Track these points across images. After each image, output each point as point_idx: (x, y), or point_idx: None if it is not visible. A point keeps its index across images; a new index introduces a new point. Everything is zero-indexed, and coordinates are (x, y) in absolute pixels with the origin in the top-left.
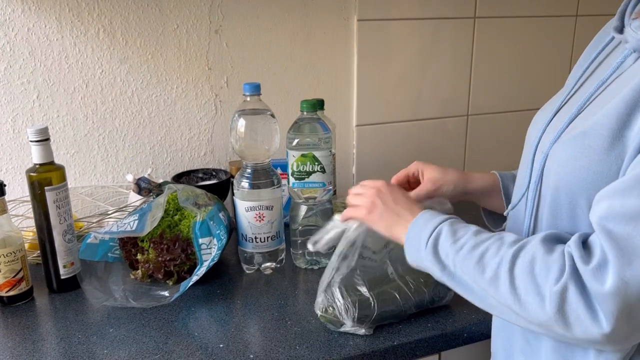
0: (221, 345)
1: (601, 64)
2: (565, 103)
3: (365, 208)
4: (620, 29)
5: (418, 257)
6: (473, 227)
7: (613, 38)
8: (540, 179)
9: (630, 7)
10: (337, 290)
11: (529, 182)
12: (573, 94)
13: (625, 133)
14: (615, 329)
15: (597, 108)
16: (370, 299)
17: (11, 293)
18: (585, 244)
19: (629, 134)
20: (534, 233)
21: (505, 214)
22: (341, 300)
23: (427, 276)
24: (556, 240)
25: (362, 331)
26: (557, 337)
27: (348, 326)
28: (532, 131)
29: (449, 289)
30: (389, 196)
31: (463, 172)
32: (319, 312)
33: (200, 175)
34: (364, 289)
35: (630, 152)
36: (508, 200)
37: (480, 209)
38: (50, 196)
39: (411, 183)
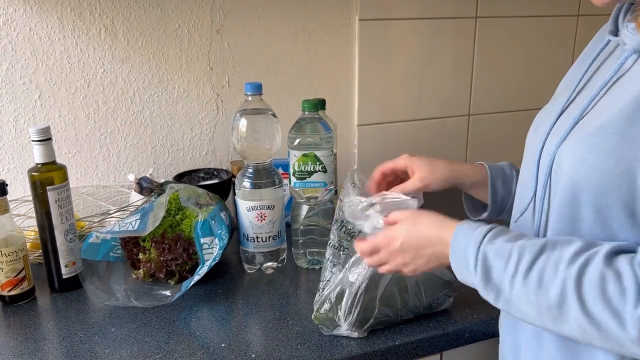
0: (223, 345)
1: (600, 67)
2: (567, 107)
3: (400, 268)
4: (615, 33)
5: (470, 281)
6: (516, 240)
7: (609, 42)
8: (549, 183)
9: (623, 12)
10: (334, 293)
11: (536, 188)
12: (574, 98)
13: (633, 132)
14: None
15: (603, 109)
16: (367, 303)
17: (13, 292)
18: None
19: (637, 133)
20: (545, 235)
21: (514, 220)
22: (336, 304)
23: (426, 282)
24: (618, 252)
25: (355, 334)
26: (606, 344)
27: (342, 329)
28: (534, 136)
29: (448, 296)
30: (411, 246)
31: (452, 166)
32: (312, 314)
33: (202, 175)
34: (360, 293)
35: None
36: (494, 193)
37: (461, 193)
38: (52, 196)
39: (399, 175)
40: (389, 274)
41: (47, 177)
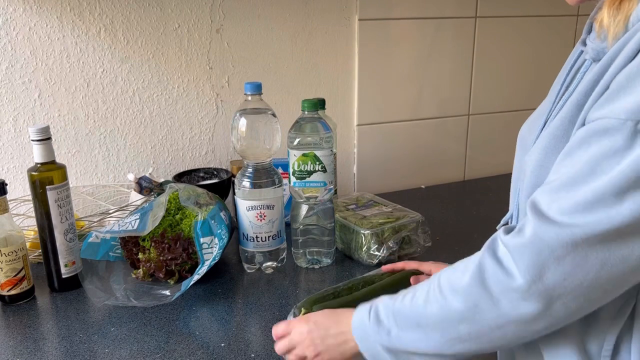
0: (222, 345)
1: (573, 79)
2: (548, 119)
3: (308, 355)
4: (585, 42)
5: (367, 339)
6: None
7: (582, 52)
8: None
9: (591, 17)
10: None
11: (517, 197)
12: (553, 110)
13: (571, 132)
14: (530, 282)
15: (557, 117)
16: None
17: (13, 292)
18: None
19: (574, 130)
20: None
21: (497, 227)
22: None
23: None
24: None
25: None
26: (492, 327)
27: None
28: (519, 150)
29: None
30: (322, 325)
31: None
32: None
33: (202, 174)
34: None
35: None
36: None
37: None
38: (51, 195)
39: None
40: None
41: (47, 177)
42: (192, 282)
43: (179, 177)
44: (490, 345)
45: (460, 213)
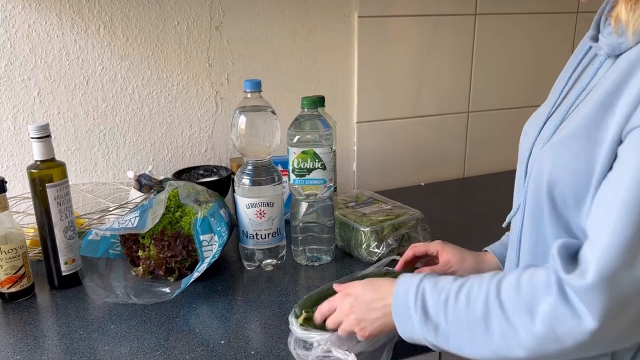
0: (222, 342)
1: (582, 73)
2: (552, 114)
3: (353, 328)
4: (596, 38)
5: (410, 327)
6: (450, 276)
7: (591, 47)
8: (533, 187)
9: (604, 16)
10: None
11: (524, 191)
12: (559, 106)
13: (599, 134)
14: (603, 323)
15: (577, 114)
16: None
17: (13, 289)
18: (571, 254)
19: (602, 135)
20: (521, 242)
21: (504, 225)
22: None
23: None
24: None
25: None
26: (555, 357)
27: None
28: (524, 142)
29: None
30: (364, 301)
31: (478, 258)
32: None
33: (201, 172)
34: None
35: (605, 151)
36: None
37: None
38: (51, 193)
39: (429, 259)
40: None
41: (47, 174)
42: (191, 280)
43: (179, 175)
44: None
45: (460, 210)
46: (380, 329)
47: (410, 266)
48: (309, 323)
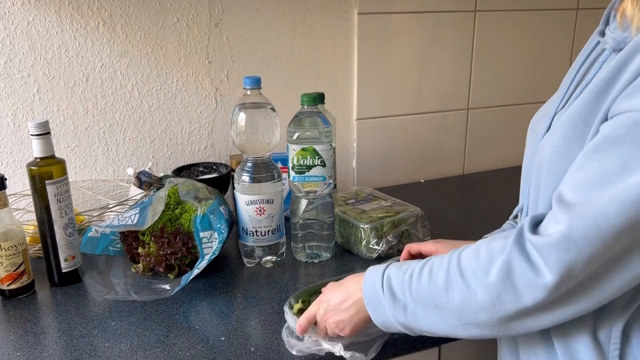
0: (222, 338)
1: (590, 68)
2: (559, 109)
3: (337, 332)
4: (604, 33)
5: (382, 311)
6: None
7: (599, 42)
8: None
9: (614, 11)
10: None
11: (529, 190)
12: (567, 101)
13: (592, 120)
14: (560, 280)
15: (574, 104)
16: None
17: (13, 286)
18: (539, 221)
19: (594, 121)
20: None
21: (510, 218)
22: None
23: None
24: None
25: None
26: (515, 322)
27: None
28: (531, 137)
29: None
30: (335, 304)
31: None
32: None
33: (201, 169)
34: None
35: (592, 132)
36: None
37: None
38: (51, 190)
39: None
40: None
41: (46, 171)
42: (191, 277)
43: (179, 172)
44: (506, 333)
45: (460, 207)
46: (358, 324)
47: None
48: (302, 313)
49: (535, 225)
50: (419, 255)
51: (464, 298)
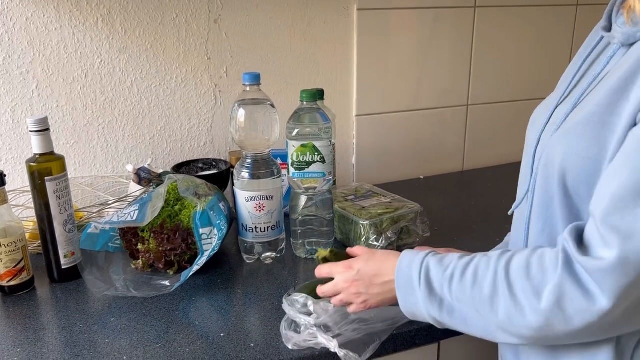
0: (222, 334)
1: (594, 62)
2: (561, 102)
3: (353, 300)
4: (609, 29)
5: (414, 301)
6: (455, 253)
7: (602, 38)
8: (541, 175)
9: (616, 7)
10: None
11: (530, 180)
12: (569, 94)
13: (612, 119)
14: (616, 305)
15: (592, 98)
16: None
17: (12, 283)
18: (581, 236)
19: (615, 120)
20: (529, 231)
21: (509, 213)
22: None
23: None
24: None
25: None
26: (561, 339)
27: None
28: (531, 130)
29: None
30: (367, 274)
31: None
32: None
33: (200, 165)
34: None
35: (617, 136)
36: None
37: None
38: (50, 186)
39: None
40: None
41: (46, 168)
42: (191, 273)
43: (178, 168)
44: (546, 344)
45: (459, 204)
46: (382, 303)
47: None
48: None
49: (579, 239)
50: None
51: (510, 313)
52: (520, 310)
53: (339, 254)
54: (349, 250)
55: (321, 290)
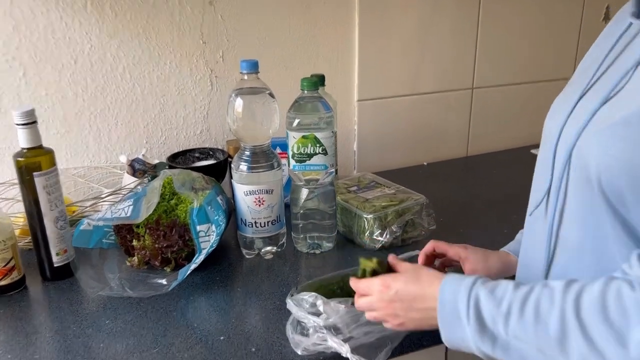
0: (222, 338)
1: (623, 51)
2: (586, 92)
3: (387, 319)
4: (638, 15)
5: (460, 335)
6: (504, 281)
7: (631, 24)
8: (567, 174)
9: None
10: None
11: (552, 179)
12: (594, 84)
13: None
14: None
15: (627, 98)
16: None
17: (3, 283)
18: None
19: None
20: (558, 234)
21: (529, 214)
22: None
23: None
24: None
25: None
26: None
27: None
28: (551, 124)
29: None
30: (407, 297)
31: (503, 259)
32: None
33: (197, 154)
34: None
35: None
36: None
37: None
38: (39, 182)
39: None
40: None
41: (34, 162)
42: (189, 272)
43: (174, 158)
44: None
45: (464, 192)
46: (419, 327)
47: (431, 261)
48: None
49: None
50: (442, 256)
51: (586, 358)
52: (600, 356)
53: (383, 264)
54: (392, 261)
55: (357, 304)
